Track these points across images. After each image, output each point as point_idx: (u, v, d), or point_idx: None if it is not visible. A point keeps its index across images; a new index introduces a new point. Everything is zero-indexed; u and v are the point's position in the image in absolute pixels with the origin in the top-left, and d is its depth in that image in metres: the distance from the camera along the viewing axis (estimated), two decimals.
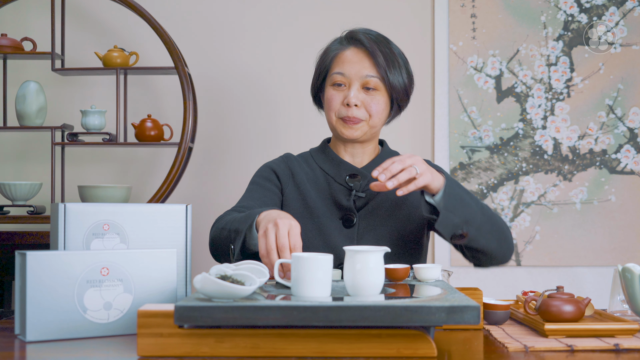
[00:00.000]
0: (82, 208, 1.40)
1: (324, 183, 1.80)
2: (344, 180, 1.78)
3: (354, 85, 1.73)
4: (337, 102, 1.74)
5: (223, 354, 1.14)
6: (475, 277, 2.96)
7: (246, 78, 3.04)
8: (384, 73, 1.72)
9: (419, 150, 2.99)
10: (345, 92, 1.74)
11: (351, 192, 1.76)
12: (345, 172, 1.79)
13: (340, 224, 1.75)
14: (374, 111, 1.73)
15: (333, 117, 1.76)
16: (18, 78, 2.98)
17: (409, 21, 3.02)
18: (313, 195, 1.77)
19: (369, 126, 1.75)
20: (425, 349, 1.13)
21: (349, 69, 1.73)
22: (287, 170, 1.82)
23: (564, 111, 2.97)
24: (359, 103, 1.72)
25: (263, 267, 1.29)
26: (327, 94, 1.77)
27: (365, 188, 1.78)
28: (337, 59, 1.76)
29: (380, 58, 1.72)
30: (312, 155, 1.86)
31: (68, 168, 3.00)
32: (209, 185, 3.04)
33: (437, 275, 1.46)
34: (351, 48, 1.76)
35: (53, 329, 1.26)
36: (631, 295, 1.43)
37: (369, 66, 1.72)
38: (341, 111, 1.74)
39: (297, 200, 1.78)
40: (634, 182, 2.96)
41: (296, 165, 1.83)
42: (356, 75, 1.72)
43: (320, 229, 1.75)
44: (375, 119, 1.74)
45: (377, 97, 1.73)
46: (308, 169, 1.83)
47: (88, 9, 3.06)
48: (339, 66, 1.75)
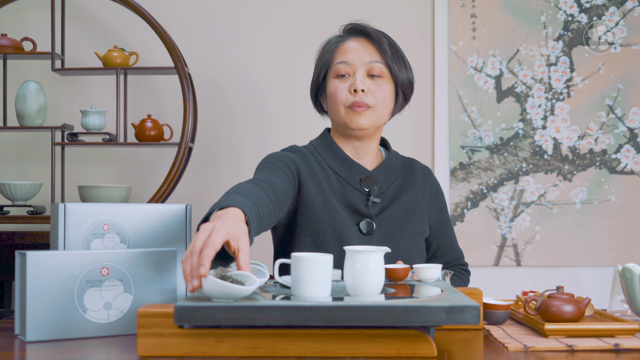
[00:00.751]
0: (82, 208, 1.40)
1: (338, 185, 1.71)
2: (358, 184, 1.71)
3: (358, 72, 1.68)
4: (343, 91, 1.68)
5: (223, 354, 1.14)
6: (475, 277, 2.96)
7: (246, 78, 3.04)
8: (389, 60, 1.68)
9: (419, 150, 2.99)
10: (350, 80, 1.69)
11: (367, 197, 1.70)
12: (357, 175, 1.72)
13: (357, 230, 1.68)
14: (381, 98, 1.68)
15: (340, 109, 1.69)
16: (18, 78, 2.98)
17: (409, 21, 3.02)
18: (332, 198, 1.68)
19: (376, 114, 1.69)
20: (425, 349, 1.13)
21: (352, 56, 1.69)
22: (306, 166, 1.70)
23: (564, 111, 2.97)
24: (365, 88, 1.66)
25: (263, 267, 1.29)
26: (332, 86, 1.71)
27: (378, 193, 1.73)
28: (339, 50, 1.72)
29: (384, 45, 1.69)
30: (317, 151, 1.76)
31: (68, 168, 3.00)
32: (209, 185, 3.04)
33: (437, 275, 1.47)
34: (353, 38, 1.73)
35: (53, 329, 1.26)
36: (631, 295, 1.43)
37: (373, 52, 1.69)
38: (349, 98, 1.68)
39: (319, 202, 1.67)
40: (634, 182, 2.96)
41: (312, 162, 1.72)
42: (360, 61, 1.68)
43: (340, 235, 1.66)
44: (382, 107, 1.69)
45: (382, 84, 1.69)
46: (318, 167, 1.72)
47: (88, 9, 3.06)
48: (341, 56, 1.71)
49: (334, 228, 1.66)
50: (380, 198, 1.72)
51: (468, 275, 1.87)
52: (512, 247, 2.96)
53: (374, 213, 1.70)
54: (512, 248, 2.96)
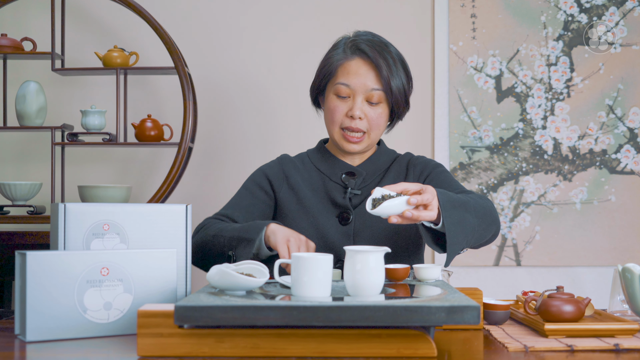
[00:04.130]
0: (82, 208, 1.40)
1: (319, 182, 1.83)
2: (340, 179, 1.81)
3: (358, 97, 1.75)
4: (340, 113, 1.76)
5: (223, 354, 1.14)
6: (475, 277, 2.96)
7: (246, 78, 3.04)
8: (386, 85, 1.74)
9: (419, 150, 2.98)
10: (349, 103, 1.76)
11: (346, 189, 1.79)
12: (340, 170, 1.83)
13: (337, 222, 1.77)
14: (375, 124, 1.77)
15: (335, 129, 1.78)
16: (18, 78, 2.98)
17: (409, 21, 3.02)
18: (308, 195, 1.80)
19: (369, 139, 1.78)
20: (425, 349, 1.13)
21: (354, 81, 1.75)
22: (281, 173, 1.86)
23: (564, 111, 2.97)
24: (362, 116, 1.75)
25: (263, 267, 1.30)
26: (331, 103, 1.79)
27: (361, 185, 1.81)
28: (342, 69, 1.77)
29: (383, 70, 1.74)
30: (308, 155, 1.90)
31: (68, 168, 3.00)
32: (209, 185, 3.04)
33: (437, 275, 1.47)
34: (356, 59, 1.77)
35: (53, 329, 1.26)
36: (631, 295, 1.43)
37: (373, 79, 1.75)
38: (344, 122, 1.76)
39: (292, 201, 1.81)
40: (634, 182, 2.96)
41: (291, 167, 1.86)
42: (361, 88, 1.75)
43: (317, 227, 1.77)
44: (375, 131, 1.78)
45: (379, 110, 1.77)
46: (303, 169, 1.86)
47: (88, 9, 3.06)
48: (344, 77, 1.76)
49: (311, 221, 1.77)
50: (362, 190, 1.80)
51: (481, 197, 1.72)
52: (512, 247, 2.96)
53: (354, 204, 1.78)
54: (512, 248, 2.96)
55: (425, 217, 1.41)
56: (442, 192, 1.48)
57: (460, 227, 1.48)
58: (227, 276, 1.22)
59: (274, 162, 1.90)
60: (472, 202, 1.56)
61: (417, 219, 1.41)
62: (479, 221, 1.55)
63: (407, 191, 1.44)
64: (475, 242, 1.59)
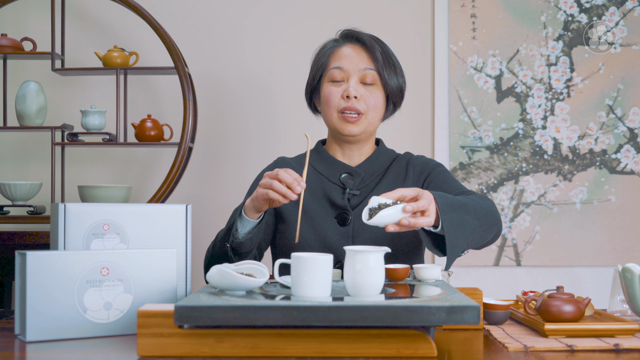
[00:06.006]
0: (82, 208, 1.40)
1: (318, 183, 1.82)
2: (338, 179, 1.81)
3: (352, 79, 1.76)
4: (336, 96, 1.77)
5: (223, 354, 1.14)
6: (475, 277, 2.96)
7: (246, 78, 3.04)
8: (380, 67, 1.76)
9: (419, 150, 2.98)
10: (344, 86, 1.77)
11: (345, 190, 1.78)
12: (339, 171, 1.82)
13: (336, 223, 1.77)
14: (372, 104, 1.76)
15: (333, 114, 1.78)
16: (18, 78, 2.98)
17: (409, 21, 3.02)
18: (307, 197, 1.79)
19: (367, 121, 1.77)
20: (425, 349, 1.13)
21: (347, 63, 1.77)
22: None
23: (564, 111, 2.97)
24: (358, 95, 1.75)
25: (263, 267, 1.30)
26: (325, 90, 1.79)
27: (360, 186, 1.80)
28: (334, 55, 1.80)
29: (377, 53, 1.76)
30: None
31: (68, 168, 3.00)
32: (209, 185, 3.04)
33: (437, 275, 1.46)
34: (348, 44, 1.80)
35: (53, 329, 1.26)
36: (631, 295, 1.43)
37: (366, 60, 1.77)
38: (341, 104, 1.76)
39: (291, 203, 1.79)
40: (634, 182, 2.96)
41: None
42: (354, 68, 1.76)
43: (315, 228, 1.76)
44: (373, 113, 1.77)
45: (374, 91, 1.77)
46: (301, 171, 1.84)
47: (88, 9, 3.06)
48: (336, 61, 1.78)
49: (309, 222, 1.76)
50: (361, 191, 1.79)
51: (482, 198, 1.72)
52: (512, 247, 2.96)
53: (352, 205, 1.78)
54: (512, 248, 2.96)
55: (422, 223, 1.40)
56: (440, 195, 1.48)
57: (459, 229, 1.47)
58: (227, 276, 1.23)
59: (271, 166, 1.90)
60: (471, 204, 1.55)
61: (414, 226, 1.40)
62: (479, 222, 1.55)
63: (404, 197, 1.42)
64: (476, 244, 1.58)
